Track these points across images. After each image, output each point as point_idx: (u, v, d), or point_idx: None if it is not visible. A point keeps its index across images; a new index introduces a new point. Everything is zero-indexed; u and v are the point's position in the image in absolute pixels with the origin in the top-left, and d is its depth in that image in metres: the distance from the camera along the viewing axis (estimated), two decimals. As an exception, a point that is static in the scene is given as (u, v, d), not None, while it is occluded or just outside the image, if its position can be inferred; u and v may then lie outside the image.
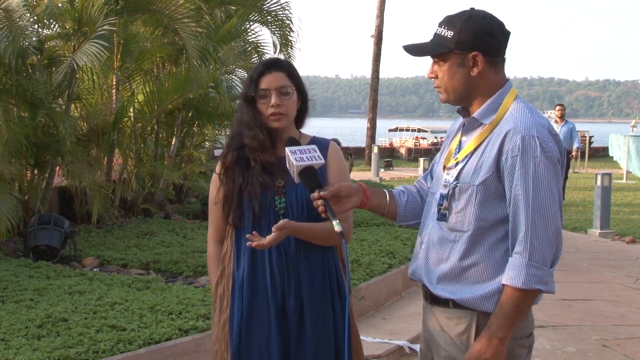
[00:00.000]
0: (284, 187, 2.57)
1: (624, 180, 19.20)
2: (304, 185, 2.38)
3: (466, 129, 2.28)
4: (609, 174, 10.59)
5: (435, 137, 37.49)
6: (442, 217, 2.23)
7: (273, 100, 2.55)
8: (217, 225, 2.69)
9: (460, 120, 2.34)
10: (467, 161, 2.20)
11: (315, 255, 2.58)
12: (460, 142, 2.29)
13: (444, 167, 2.30)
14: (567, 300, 6.61)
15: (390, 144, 35.37)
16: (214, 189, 2.67)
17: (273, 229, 2.43)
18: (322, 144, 2.63)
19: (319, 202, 2.24)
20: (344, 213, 2.35)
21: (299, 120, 2.70)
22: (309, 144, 2.49)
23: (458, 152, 2.27)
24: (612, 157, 21.53)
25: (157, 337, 4.14)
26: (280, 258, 2.55)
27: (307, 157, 2.31)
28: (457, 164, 2.23)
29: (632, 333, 5.67)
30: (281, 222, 2.44)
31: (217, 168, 2.67)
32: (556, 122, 13.04)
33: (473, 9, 2.23)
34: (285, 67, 2.62)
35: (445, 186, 2.24)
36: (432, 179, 2.44)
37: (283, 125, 2.59)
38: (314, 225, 2.56)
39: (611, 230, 10.38)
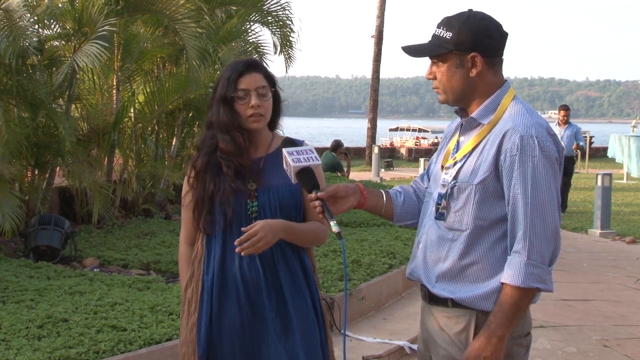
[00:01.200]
0: (256, 190, 2.55)
1: (624, 181, 19.21)
2: (277, 188, 2.40)
3: (464, 129, 2.29)
4: (610, 174, 10.59)
5: (436, 137, 37.53)
6: (440, 216, 2.24)
7: (253, 100, 2.52)
8: (189, 228, 2.66)
9: (458, 120, 2.35)
10: (466, 161, 2.21)
11: (291, 256, 2.57)
12: (458, 142, 2.30)
13: (442, 167, 2.30)
14: (568, 300, 6.61)
15: (391, 144, 35.39)
16: (185, 191, 2.65)
17: (243, 229, 2.40)
18: (296, 145, 2.61)
19: (317, 202, 2.24)
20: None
21: (272, 122, 2.67)
22: (286, 140, 2.47)
23: (456, 152, 2.28)
24: (612, 157, 21.53)
25: (157, 338, 4.14)
26: (253, 262, 2.52)
27: (304, 158, 2.32)
28: (455, 163, 2.24)
29: (632, 333, 5.67)
30: (258, 224, 2.41)
31: (189, 171, 2.64)
32: (558, 124, 12.18)
33: (471, 10, 2.24)
34: (262, 69, 2.61)
35: (444, 186, 2.24)
36: (428, 179, 2.45)
37: (261, 126, 2.58)
38: (302, 226, 2.55)
39: (612, 231, 10.38)
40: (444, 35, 2.19)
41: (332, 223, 2.21)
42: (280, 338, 2.51)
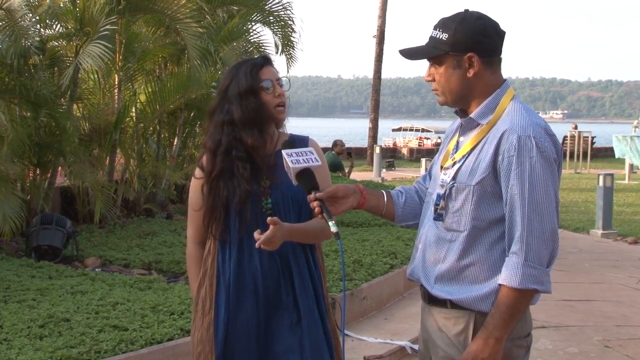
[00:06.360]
0: (270, 187, 2.54)
1: (626, 181, 19.20)
2: (289, 184, 2.38)
3: (463, 129, 2.28)
4: (611, 175, 10.58)
5: (439, 138, 37.50)
6: (439, 217, 2.24)
7: (279, 89, 2.55)
8: (198, 227, 2.63)
9: (459, 120, 2.34)
10: (464, 161, 2.21)
11: (301, 255, 2.57)
12: (457, 142, 2.30)
13: (441, 167, 2.30)
14: (569, 300, 6.60)
15: (394, 144, 35.39)
16: (194, 193, 2.62)
17: (269, 220, 2.34)
18: (302, 141, 2.62)
19: (315, 203, 2.24)
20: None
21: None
22: (287, 141, 2.47)
23: (455, 152, 2.27)
24: (619, 157, 21.52)
25: (159, 337, 4.14)
26: (273, 260, 2.52)
27: (303, 159, 2.32)
28: (454, 164, 2.24)
29: (634, 334, 5.67)
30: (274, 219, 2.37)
31: (197, 172, 2.61)
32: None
33: (467, 10, 2.24)
34: (274, 65, 2.63)
35: (442, 186, 2.24)
36: (430, 179, 2.44)
37: (285, 117, 2.59)
38: (307, 225, 2.54)
39: (613, 231, 10.38)
40: (440, 37, 2.19)
41: (330, 223, 2.21)
42: (291, 332, 2.52)
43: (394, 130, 42.93)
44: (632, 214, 12.66)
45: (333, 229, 2.20)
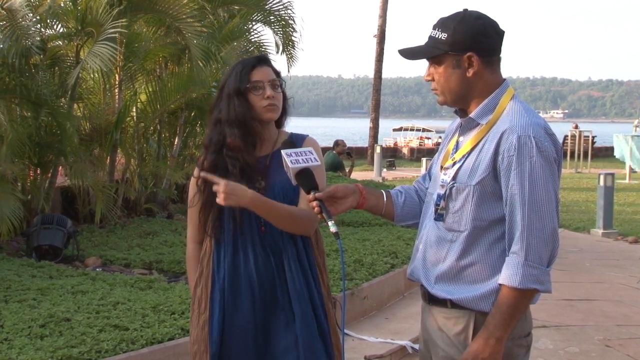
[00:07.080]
0: (264, 188, 2.54)
1: (627, 181, 19.19)
2: (283, 184, 2.39)
3: (463, 129, 2.28)
4: (612, 174, 10.58)
5: (440, 137, 37.48)
6: (439, 217, 2.24)
7: (268, 91, 2.53)
8: (197, 227, 2.65)
9: (458, 120, 2.34)
10: (464, 161, 2.21)
11: (295, 256, 2.57)
12: (457, 142, 2.30)
13: (441, 167, 2.30)
14: (570, 300, 6.60)
15: (395, 144, 35.38)
16: (193, 192, 2.64)
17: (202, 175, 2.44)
18: (299, 139, 2.63)
19: (314, 203, 2.25)
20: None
21: (278, 120, 2.67)
22: (286, 140, 2.48)
23: (455, 152, 2.27)
24: (619, 158, 21.51)
25: (159, 337, 4.14)
26: (268, 261, 2.53)
27: (302, 159, 2.32)
28: (454, 164, 2.24)
29: (634, 333, 5.67)
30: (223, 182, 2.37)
31: (195, 172, 2.63)
32: None
33: (466, 9, 2.24)
34: (271, 64, 2.63)
35: (443, 186, 2.24)
36: (430, 179, 2.44)
37: (276, 117, 2.59)
38: (279, 205, 2.49)
39: (614, 230, 10.37)
40: (439, 37, 2.19)
41: (330, 223, 2.21)
42: (287, 332, 2.53)
43: (394, 130, 42.91)
44: (633, 214, 12.65)
45: (332, 228, 2.20)
